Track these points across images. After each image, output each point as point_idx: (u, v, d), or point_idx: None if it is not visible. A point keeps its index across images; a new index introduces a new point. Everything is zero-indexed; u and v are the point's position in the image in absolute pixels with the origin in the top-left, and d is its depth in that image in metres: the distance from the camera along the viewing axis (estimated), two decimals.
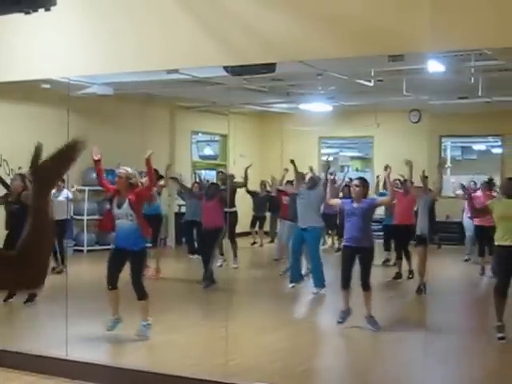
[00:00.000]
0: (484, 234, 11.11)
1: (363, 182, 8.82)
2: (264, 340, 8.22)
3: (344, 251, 8.80)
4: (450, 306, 10.33)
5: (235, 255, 13.11)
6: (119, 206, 7.91)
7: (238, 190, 13.41)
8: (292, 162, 11.65)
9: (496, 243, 8.17)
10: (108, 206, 8.55)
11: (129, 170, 8.10)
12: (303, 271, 11.77)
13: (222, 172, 14.66)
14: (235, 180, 13.40)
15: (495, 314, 8.00)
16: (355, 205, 8.63)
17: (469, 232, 13.59)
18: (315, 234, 11.04)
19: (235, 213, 13.25)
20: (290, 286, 11.10)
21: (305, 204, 10.96)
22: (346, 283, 8.68)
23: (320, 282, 10.78)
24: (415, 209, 12.25)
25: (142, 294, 7.88)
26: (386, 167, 9.75)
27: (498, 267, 8.26)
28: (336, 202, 9.28)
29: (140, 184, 8.15)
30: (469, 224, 13.31)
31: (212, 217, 11.35)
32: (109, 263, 8.00)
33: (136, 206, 7.89)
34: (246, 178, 13.02)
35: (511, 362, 7.57)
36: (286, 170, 12.31)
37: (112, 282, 7.92)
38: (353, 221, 8.61)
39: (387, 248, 13.12)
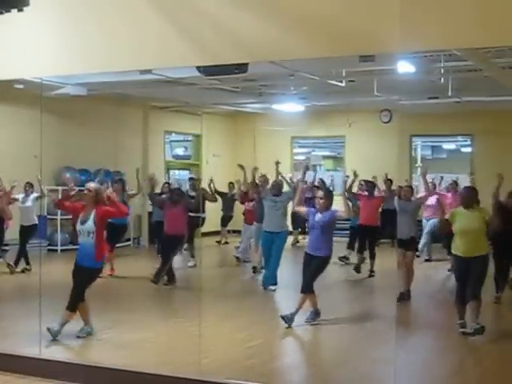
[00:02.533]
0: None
1: (328, 194, 8.91)
2: (236, 338, 8.28)
3: (304, 257, 8.87)
4: (420, 304, 10.49)
5: (192, 255, 13.20)
6: (82, 223, 7.73)
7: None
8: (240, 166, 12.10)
9: (453, 252, 8.27)
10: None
11: (97, 185, 7.96)
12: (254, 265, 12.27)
13: (192, 178, 14.64)
14: (206, 190, 13.44)
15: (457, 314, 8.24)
16: (317, 217, 8.73)
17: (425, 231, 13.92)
18: (282, 236, 11.33)
19: (202, 218, 13.33)
20: (265, 288, 11.16)
21: (272, 211, 11.23)
22: (306, 287, 8.73)
23: (273, 281, 11.09)
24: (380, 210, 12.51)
25: (72, 306, 7.74)
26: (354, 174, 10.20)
27: (456, 275, 8.34)
28: (302, 210, 9.20)
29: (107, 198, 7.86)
30: (424, 223, 13.85)
31: (175, 224, 11.41)
32: (73, 280, 7.85)
33: (100, 223, 7.69)
34: (213, 194, 13.15)
35: (480, 358, 7.70)
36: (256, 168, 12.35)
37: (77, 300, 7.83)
38: (314, 233, 8.79)
39: (350, 247, 13.31)
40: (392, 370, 6.27)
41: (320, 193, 8.98)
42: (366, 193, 12.51)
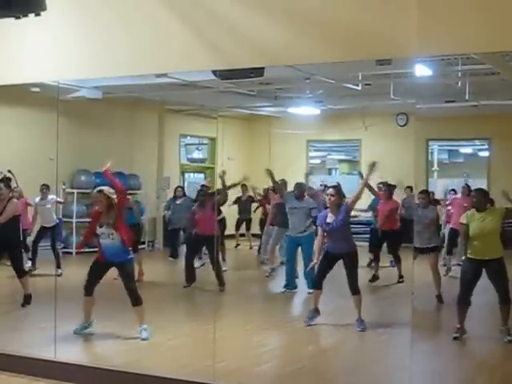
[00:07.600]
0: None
1: (338, 191, 8.73)
2: (251, 342, 8.26)
3: (326, 254, 8.78)
4: (435, 307, 10.40)
5: (223, 259, 13.16)
6: (101, 226, 7.95)
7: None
8: (269, 172, 11.54)
9: (467, 256, 8.18)
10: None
11: (108, 189, 8.02)
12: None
13: (204, 185, 14.59)
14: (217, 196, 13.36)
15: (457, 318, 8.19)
16: (330, 219, 8.61)
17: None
18: (310, 238, 11.10)
19: (223, 219, 13.34)
20: (283, 290, 11.13)
21: (296, 215, 11.05)
22: (319, 284, 8.85)
23: (311, 284, 10.89)
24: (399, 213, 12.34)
25: (136, 301, 7.93)
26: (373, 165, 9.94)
27: (463, 278, 8.20)
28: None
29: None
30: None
31: (207, 224, 11.34)
32: (91, 271, 8.06)
33: (119, 221, 7.93)
34: (225, 190, 13.00)
35: (499, 364, 7.62)
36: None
37: (89, 289, 8.01)
38: (333, 235, 8.66)
39: (371, 250, 13.10)
40: (407, 376, 6.23)
41: (330, 190, 8.76)
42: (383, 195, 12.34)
